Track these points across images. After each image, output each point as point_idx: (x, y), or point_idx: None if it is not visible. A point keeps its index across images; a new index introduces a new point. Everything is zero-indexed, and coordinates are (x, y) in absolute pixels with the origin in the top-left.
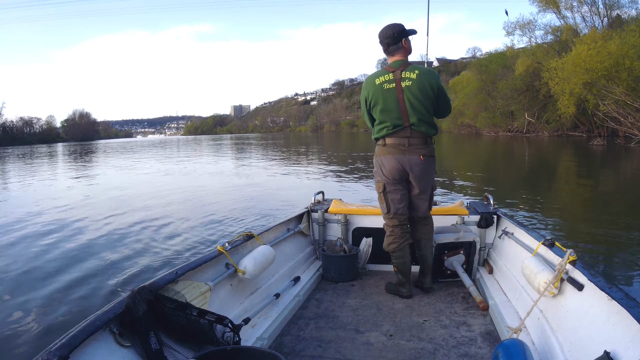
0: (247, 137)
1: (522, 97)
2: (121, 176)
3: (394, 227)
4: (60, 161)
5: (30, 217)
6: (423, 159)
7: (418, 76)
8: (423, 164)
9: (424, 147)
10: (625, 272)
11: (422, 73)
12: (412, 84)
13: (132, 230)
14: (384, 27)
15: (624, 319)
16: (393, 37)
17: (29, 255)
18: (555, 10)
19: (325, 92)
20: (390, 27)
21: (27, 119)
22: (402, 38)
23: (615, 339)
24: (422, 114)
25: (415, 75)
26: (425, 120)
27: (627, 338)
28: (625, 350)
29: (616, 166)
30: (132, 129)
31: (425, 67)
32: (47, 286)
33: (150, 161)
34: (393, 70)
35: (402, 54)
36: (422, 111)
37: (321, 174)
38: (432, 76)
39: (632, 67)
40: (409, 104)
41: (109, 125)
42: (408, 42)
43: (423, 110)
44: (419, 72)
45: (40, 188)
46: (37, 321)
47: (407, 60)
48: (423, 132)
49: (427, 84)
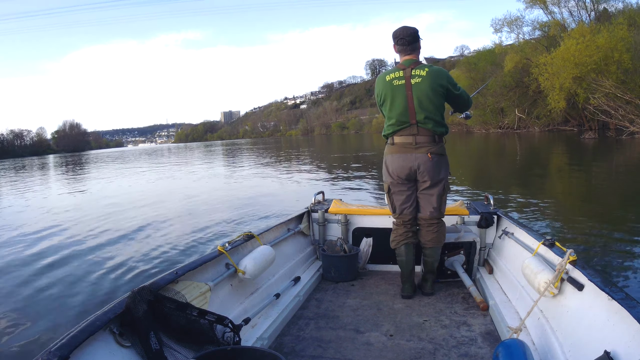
0: (239, 142)
1: (511, 94)
2: (117, 182)
3: (397, 226)
4: (53, 172)
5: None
6: (431, 157)
7: (428, 74)
8: (431, 161)
9: (432, 145)
10: (625, 272)
11: (432, 71)
12: (422, 81)
13: (132, 231)
14: (401, 26)
15: (624, 319)
16: (413, 36)
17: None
18: (543, 6)
19: (314, 95)
20: (410, 27)
21: (17, 132)
22: (419, 40)
23: (615, 339)
24: (430, 112)
25: (425, 73)
26: (432, 117)
27: (627, 338)
28: (625, 350)
29: (609, 158)
30: (123, 139)
31: (435, 66)
32: (48, 287)
33: (145, 168)
34: (404, 67)
35: (416, 55)
36: (429, 109)
37: (320, 174)
38: (442, 74)
39: (621, 60)
40: (417, 101)
41: (100, 135)
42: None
43: (431, 108)
44: (429, 70)
45: (37, 196)
46: (37, 321)
47: (419, 60)
48: (430, 129)
49: (437, 81)
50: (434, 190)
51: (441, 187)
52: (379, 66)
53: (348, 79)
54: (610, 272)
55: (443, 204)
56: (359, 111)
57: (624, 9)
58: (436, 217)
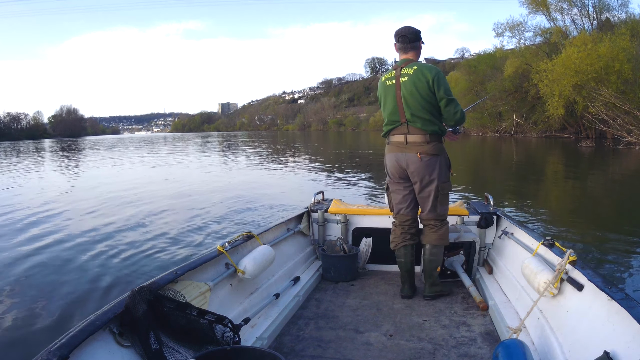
0: (235, 134)
1: (510, 99)
2: (115, 173)
3: (395, 227)
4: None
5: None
6: (420, 157)
7: (414, 71)
8: (420, 162)
9: (423, 145)
10: (625, 272)
11: (419, 68)
12: (408, 79)
13: (132, 230)
14: (404, 25)
15: (624, 319)
16: (413, 35)
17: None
18: (545, 13)
19: (313, 90)
20: (412, 27)
21: (14, 115)
22: (420, 39)
23: (615, 339)
24: (416, 109)
25: (412, 71)
26: (420, 115)
27: (627, 338)
28: (625, 350)
29: (606, 167)
30: (120, 126)
31: (428, 64)
32: (47, 286)
33: (143, 159)
34: (396, 67)
35: (413, 55)
36: (415, 106)
37: (319, 173)
38: (428, 70)
39: (622, 70)
40: (404, 100)
41: (96, 121)
42: (421, 45)
43: (417, 106)
44: (417, 67)
45: (33, 186)
46: (37, 321)
47: (414, 60)
48: (420, 128)
49: (421, 78)
50: (426, 191)
51: (434, 188)
52: (378, 64)
53: (347, 76)
54: (610, 272)
55: (439, 205)
56: (356, 108)
57: (627, 19)
58: (433, 218)
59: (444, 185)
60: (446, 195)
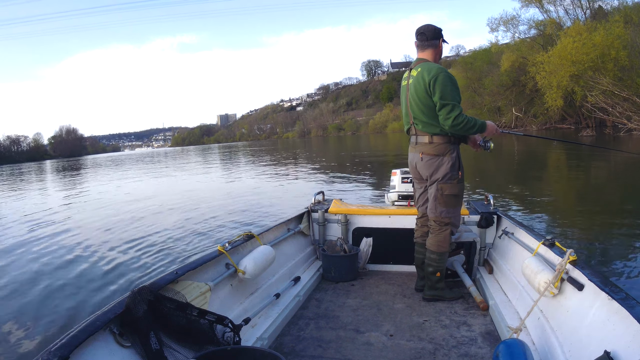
0: (236, 145)
1: (508, 93)
2: (118, 186)
3: (417, 218)
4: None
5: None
6: (422, 157)
7: (418, 73)
8: (422, 162)
9: (426, 145)
10: (625, 271)
11: (422, 69)
12: (412, 81)
13: (133, 232)
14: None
15: (624, 319)
16: (434, 32)
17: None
18: (538, 5)
19: (310, 97)
20: (432, 24)
21: (14, 138)
22: (440, 38)
23: (615, 339)
24: (417, 112)
25: (417, 73)
26: (420, 118)
27: (627, 338)
28: (625, 350)
29: (607, 156)
30: (120, 143)
31: (434, 64)
32: (48, 287)
33: (143, 172)
34: (410, 68)
35: (430, 53)
36: (415, 109)
37: (319, 175)
38: (427, 72)
39: (618, 57)
40: (410, 102)
41: (96, 140)
42: (442, 44)
43: (417, 109)
44: (421, 69)
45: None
46: (37, 321)
47: (427, 60)
48: (422, 130)
49: (420, 80)
50: (428, 190)
51: (435, 189)
52: (374, 67)
53: (344, 80)
54: (610, 272)
55: (439, 206)
56: (355, 112)
57: (620, 6)
58: (433, 220)
59: (444, 185)
60: (449, 197)
